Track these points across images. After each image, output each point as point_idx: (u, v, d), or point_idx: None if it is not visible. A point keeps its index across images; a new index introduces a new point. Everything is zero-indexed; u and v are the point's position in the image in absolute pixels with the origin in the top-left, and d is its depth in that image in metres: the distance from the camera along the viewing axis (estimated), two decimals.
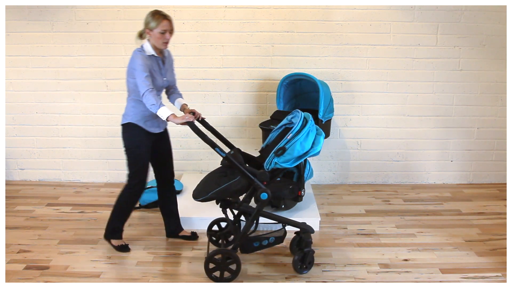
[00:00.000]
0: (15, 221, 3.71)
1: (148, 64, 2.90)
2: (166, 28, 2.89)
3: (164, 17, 2.90)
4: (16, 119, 4.47)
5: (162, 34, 2.89)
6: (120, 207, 3.18)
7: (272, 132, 3.12)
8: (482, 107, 4.47)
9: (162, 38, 2.90)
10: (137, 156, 3.06)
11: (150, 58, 2.94)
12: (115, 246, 3.24)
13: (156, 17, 2.88)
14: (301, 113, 2.90)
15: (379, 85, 4.40)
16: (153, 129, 3.08)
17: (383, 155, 4.58)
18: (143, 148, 3.06)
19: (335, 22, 4.25)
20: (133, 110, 3.01)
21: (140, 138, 3.04)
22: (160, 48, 2.96)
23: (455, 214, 3.92)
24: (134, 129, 3.02)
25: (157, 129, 3.11)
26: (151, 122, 3.05)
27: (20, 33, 4.26)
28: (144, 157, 3.09)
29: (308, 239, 2.97)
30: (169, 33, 2.92)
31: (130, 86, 3.00)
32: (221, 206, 2.97)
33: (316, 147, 2.82)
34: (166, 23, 2.89)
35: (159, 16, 2.89)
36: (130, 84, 2.99)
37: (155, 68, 2.97)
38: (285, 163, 2.78)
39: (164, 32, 2.89)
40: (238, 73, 4.37)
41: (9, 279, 2.88)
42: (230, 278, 2.87)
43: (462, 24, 4.26)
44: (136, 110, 3.00)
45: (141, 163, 3.08)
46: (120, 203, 3.17)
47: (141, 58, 2.87)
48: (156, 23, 2.87)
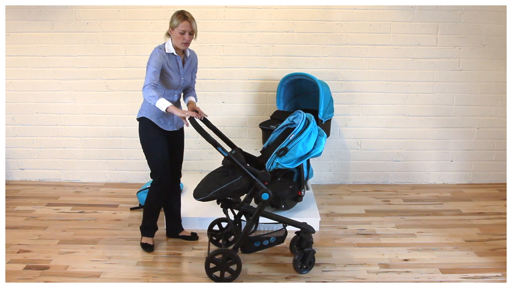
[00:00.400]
0: (15, 221, 3.71)
1: (165, 61, 2.94)
2: (185, 29, 2.91)
3: (185, 17, 2.91)
4: (16, 119, 4.47)
5: (181, 34, 2.92)
6: (149, 206, 3.21)
7: (273, 133, 3.12)
8: (482, 107, 4.47)
9: (181, 38, 2.93)
10: (152, 152, 3.08)
11: (169, 56, 2.98)
12: (141, 242, 3.28)
13: (178, 16, 2.92)
14: (303, 113, 2.90)
15: (379, 85, 4.40)
16: (166, 127, 3.09)
17: (383, 155, 4.58)
18: (158, 144, 3.06)
19: (335, 22, 4.25)
20: (147, 105, 3.03)
21: (154, 133, 3.06)
22: (180, 48, 2.98)
23: (455, 214, 3.92)
24: (148, 124, 3.05)
25: (171, 127, 3.12)
26: (164, 120, 3.07)
27: (20, 33, 4.26)
28: (160, 153, 3.08)
29: (309, 239, 2.97)
30: (188, 34, 2.94)
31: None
32: (222, 206, 2.97)
33: (318, 148, 2.82)
34: (186, 24, 2.90)
35: (181, 16, 2.92)
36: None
37: (172, 67, 2.99)
38: (287, 164, 2.79)
39: (184, 33, 2.91)
40: (238, 73, 4.37)
41: (9, 279, 2.88)
42: (231, 278, 2.87)
43: (462, 24, 4.26)
44: (150, 105, 3.01)
45: (157, 159, 3.07)
46: (148, 202, 3.20)
47: (157, 55, 2.91)
48: (177, 23, 2.90)
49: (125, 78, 4.35)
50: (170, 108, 2.80)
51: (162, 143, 3.08)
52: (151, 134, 3.06)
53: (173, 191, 3.34)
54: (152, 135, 3.06)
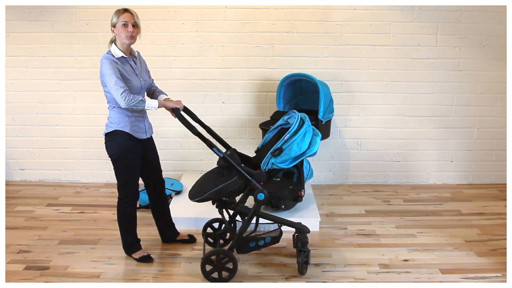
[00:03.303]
0: (15, 221, 3.71)
1: (118, 67, 2.79)
2: (127, 20, 2.79)
3: (125, 10, 2.84)
4: (16, 119, 4.47)
5: (124, 27, 2.79)
6: (122, 222, 3.07)
7: (268, 133, 3.12)
8: (482, 108, 4.47)
9: (125, 31, 2.79)
10: (126, 164, 2.94)
11: (121, 61, 2.84)
12: (137, 258, 3.12)
13: (116, 12, 2.83)
14: (297, 113, 2.90)
15: (379, 85, 4.40)
16: (140, 135, 2.98)
17: (383, 155, 4.58)
18: (132, 155, 2.94)
19: (335, 23, 4.25)
20: (118, 116, 2.89)
21: (127, 145, 2.91)
22: (125, 43, 2.84)
23: (455, 215, 3.92)
24: (121, 136, 2.90)
25: (144, 134, 3.01)
26: (138, 127, 2.96)
27: (20, 33, 4.26)
28: (133, 164, 2.96)
29: (304, 239, 2.96)
30: (131, 26, 2.81)
31: (108, 96, 2.89)
32: (218, 206, 2.97)
33: (312, 147, 2.83)
34: (127, 15, 2.81)
35: (119, 10, 2.83)
36: (107, 94, 2.88)
37: (128, 70, 2.86)
38: (282, 164, 2.79)
39: (126, 25, 2.79)
40: (238, 74, 4.37)
41: (9, 279, 2.88)
42: (228, 278, 2.87)
43: (462, 25, 4.26)
44: (121, 116, 2.89)
45: (130, 171, 2.96)
46: (121, 218, 3.06)
47: (108, 63, 2.76)
48: (116, 17, 2.81)
49: None
50: (161, 103, 2.79)
51: (136, 155, 2.96)
52: (124, 146, 2.90)
53: (161, 199, 3.25)
54: (125, 147, 2.91)
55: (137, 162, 2.99)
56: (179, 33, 4.26)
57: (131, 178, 2.98)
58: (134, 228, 3.12)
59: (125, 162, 2.94)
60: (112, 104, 2.90)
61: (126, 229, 3.10)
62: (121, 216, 3.05)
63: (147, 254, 3.15)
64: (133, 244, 3.13)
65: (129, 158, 2.94)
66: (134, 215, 3.08)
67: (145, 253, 3.15)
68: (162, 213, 3.29)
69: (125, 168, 2.95)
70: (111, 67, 2.75)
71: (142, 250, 3.16)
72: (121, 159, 2.93)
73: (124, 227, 3.09)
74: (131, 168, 2.97)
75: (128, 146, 2.92)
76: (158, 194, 3.24)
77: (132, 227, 3.11)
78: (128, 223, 3.08)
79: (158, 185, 3.22)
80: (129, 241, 3.12)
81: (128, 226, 3.09)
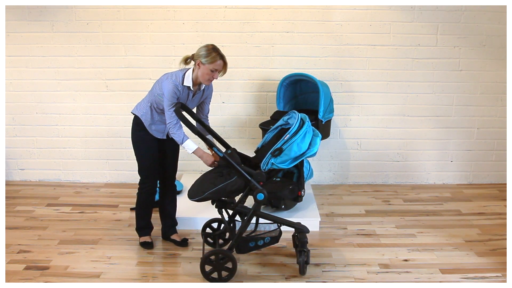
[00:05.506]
0: (15, 221, 3.71)
1: (178, 93, 2.87)
2: (218, 68, 2.84)
3: (221, 57, 2.83)
4: (16, 119, 4.47)
5: (211, 72, 2.84)
6: (139, 206, 3.26)
7: (268, 133, 3.12)
8: (482, 108, 4.47)
9: (210, 75, 2.85)
10: (140, 152, 3.12)
11: (183, 89, 2.91)
12: (140, 242, 3.31)
13: (212, 55, 2.80)
14: (297, 114, 2.90)
15: (379, 85, 4.40)
16: (157, 134, 3.10)
17: (383, 155, 4.58)
18: (145, 144, 3.09)
19: (335, 23, 4.25)
20: (145, 108, 3.04)
21: (142, 134, 3.08)
22: (203, 83, 2.91)
23: (455, 215, 3.92)
24: (139, 125, 3.07)
25: (161, 135, 3.12)
26: (155, 127, 3.08)
27: (20, 33, 4.26)
28: (147, 154, 3.11)
29: (304, 239, 2.96)
30: (218, 72, 2.87)
31: (154, 90, 2.98)
32: (217, 206, 2.97)
33: (312, 148, 2.83)
34: (221, 64, 2.84)
35: (216, 54, 2.82)
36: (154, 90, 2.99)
37: (181, 97, 2.93)
38: (282, 164, 2.79)
39: (214, 71, 2.85)
40: (238, 74, 4.36)
41: (9, 279, 2.88)
42: (228, 277, 2.87)
43: (462, 24, 4.26)
44: (147, 111, 3.04)
45: (144, 159, 3.12)
46: (138, 202, 3.25)
47: (172, 88, 2.84)
48: (210, 61, 2.80)
49: (125, 78, 4.35)
50: (198, 153, 2.91)
51: (150, 143, 3.10)
52: (141, 133, 3.08)
53: (170, 193, 3.33)
54: (142, 135, 3.08)
55: (151, 153, 3.12)
56: (179, 33, 4.26)
57: (145, 166, 3.13)
58: (146, 215, 3.30)
59: (139, 150, 3.13)
60: (151, 98, 3.02)
61: (138, 213, 3.30)
62: (137, 200, 3.25)
63: (149, 241, 3.30)
64: (141, 228, 3.32)
65: (142, 145, 3.11)
66: (147, 203, 3.25)
67: (148, 240, 3.31)
68: (167, 207, 3.36)
69: (139, 155, 3.13)
70: (173, 94, 2.85)
71: (148, 236, 3.32)
72: (135, 145, 3.13)
73: (137, 210, 3.29)
74: (145, 157, 3.12)
75: (142, 135, 3.08)
76: (168, 188, 3.33)
77: (144, 213, 3.28)
78: (140, 208, 3.27)
79: (170, 178, 3.30)
80: (138, 225, 3.32)
81: (140, 211, 3.28)
